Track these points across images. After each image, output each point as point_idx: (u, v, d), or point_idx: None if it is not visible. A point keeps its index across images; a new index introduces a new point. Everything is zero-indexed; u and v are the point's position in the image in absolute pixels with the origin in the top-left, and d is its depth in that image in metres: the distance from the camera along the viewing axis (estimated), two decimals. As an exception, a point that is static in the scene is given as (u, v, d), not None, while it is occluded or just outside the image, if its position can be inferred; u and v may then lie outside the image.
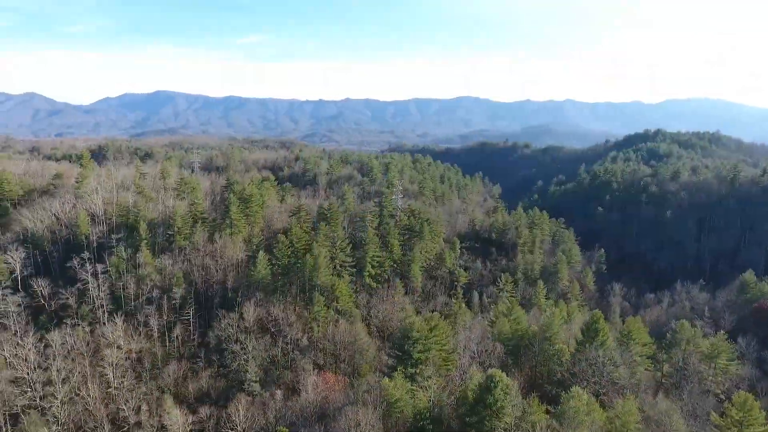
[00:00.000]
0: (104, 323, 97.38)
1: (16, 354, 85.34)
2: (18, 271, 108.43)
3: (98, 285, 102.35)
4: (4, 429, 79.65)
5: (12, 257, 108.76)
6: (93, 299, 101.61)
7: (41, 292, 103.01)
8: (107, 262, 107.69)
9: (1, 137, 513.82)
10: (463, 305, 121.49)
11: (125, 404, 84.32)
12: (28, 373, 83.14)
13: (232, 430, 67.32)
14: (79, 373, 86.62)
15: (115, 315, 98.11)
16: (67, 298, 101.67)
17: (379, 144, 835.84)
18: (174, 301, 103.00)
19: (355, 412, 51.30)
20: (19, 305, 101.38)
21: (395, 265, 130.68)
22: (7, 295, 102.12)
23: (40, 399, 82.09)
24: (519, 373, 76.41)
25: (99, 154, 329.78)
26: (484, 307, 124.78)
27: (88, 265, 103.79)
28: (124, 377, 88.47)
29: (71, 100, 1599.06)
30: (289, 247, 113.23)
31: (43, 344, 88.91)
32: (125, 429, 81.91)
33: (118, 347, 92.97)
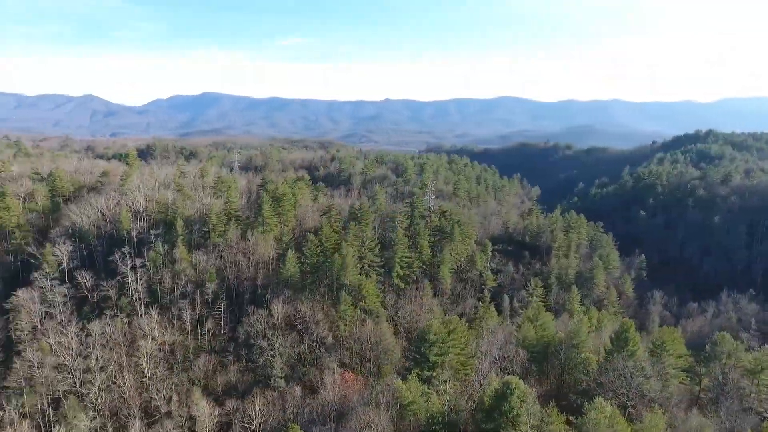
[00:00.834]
0: (141, 315, 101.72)
1: (59, 342, 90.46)
2: (65, 264, 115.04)
3: (136, 278, 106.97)
4: (47, 412, 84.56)
5: (60, 250, 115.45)
6: (131, 292, 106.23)
7: (85, 284, 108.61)
8: (146, 257, 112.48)
9: (61, 137, 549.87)
10: (492, 309, 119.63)
11: (157, 394, 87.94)
12: (69, 361, 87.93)
13: (248, 424, 68.81)
14: (116, 362, 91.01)
15: (151, 308, 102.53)
16: (108, 291, 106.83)
17: (417, 144, 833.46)
18: (206, 296, 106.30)
19: (366, 412, 51.40)
20: (65, 296, 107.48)
21: (424, 267, 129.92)
22: (54, 286, 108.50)
23: (80, 385, 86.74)
24: (543, 381, 74.51)
25: (147, 153, 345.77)
26: (514, 312, 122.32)
27: (128, 259, 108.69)
28: (157, 368, 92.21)
29: (125, 102, 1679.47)
30: (318, 246, 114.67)
31: (84, 333, 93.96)
32: (156, 418, 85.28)
33: (153, 339, 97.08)
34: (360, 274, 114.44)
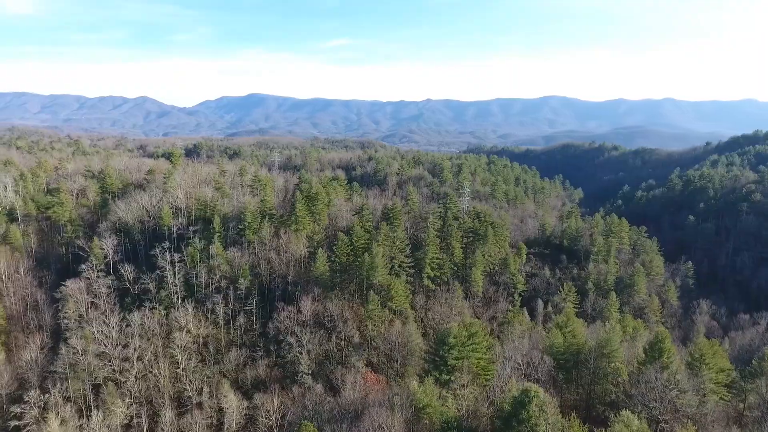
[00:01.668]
0: (177, 308, 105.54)
1: (102, 331, 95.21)
2: (110, 257, 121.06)
3: (174, 273, 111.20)
4: (88, 397, 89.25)
5: (106, 244, 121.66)
6: (169, 285, 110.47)
7: (127, 277, 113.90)
8: (184, 252, 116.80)
9: (117, 136, 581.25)
10: (524, 313, 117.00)
11: (189, 385, 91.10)
12: (110, 349, 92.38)
13: (266, 419, 70.06)
14: (152, 352, 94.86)
15: (187, 301, 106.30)
16: (148, 284, 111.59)
17: (458, 145, 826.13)
18: (239, 292, 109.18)
19: (379, 414, 51.22)
20: (109, 287, 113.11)
21: (456, 268, 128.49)
22: (99, 278, 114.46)
23: (119, 373, 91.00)
24: (572, 390, 72.07)
25: (194, 152, 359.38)
26: (548, 317, 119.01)
27: (167, 254, 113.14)
28: (191, 360, 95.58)
29: (177, 103, 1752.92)
30: (348, 246, 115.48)
31: (125, 324, 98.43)
32: (188, 407, 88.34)
33: (188, 331, 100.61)
34: (390, 274, 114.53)
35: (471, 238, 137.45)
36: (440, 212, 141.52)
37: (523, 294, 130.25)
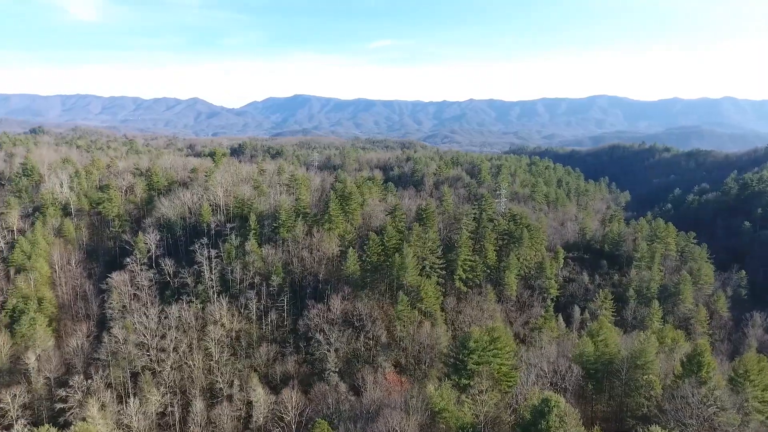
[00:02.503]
0: (213, 302, 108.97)
1: (141, 322, 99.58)
2: (153, 251, 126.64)
3: (211, 268, 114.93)
4: (127, 384, 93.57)
5: (149, 239, 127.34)
6: (206, 280, 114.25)
7: (167, 271, 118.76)
8: (221, 248, 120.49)
9: (169, 136, 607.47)
10: (559, 320, 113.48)
11: (221, 377, 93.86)
12: (148, 340, 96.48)
13: (284, 414, 71.01)
14: (188, 344, 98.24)
15: (221, 296, 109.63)
16: (187, 278, 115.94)
17: (501, 145, 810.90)
18: (272, 288, 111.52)
19: (393, 416, 50.77)
20: (151, 280, 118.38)
21: (489, 271, 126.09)
22: (142, 271, 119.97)
23: (156, 363, 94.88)
24: (602, 401, 69.15)
25: (239, 152, 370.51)
26: (584, 324, 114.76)
27: (205, 249, 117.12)
28: (223, 353, 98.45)
29: (225, 104, 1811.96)
30: (379, 246, 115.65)
31: (163, 316, 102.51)
32: (219, 399, 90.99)
33: (222, 325, 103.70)
34: (420, 275, 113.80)
35: (506, 241, 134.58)
36: (475, 214, 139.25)
37: (557, 299, 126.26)
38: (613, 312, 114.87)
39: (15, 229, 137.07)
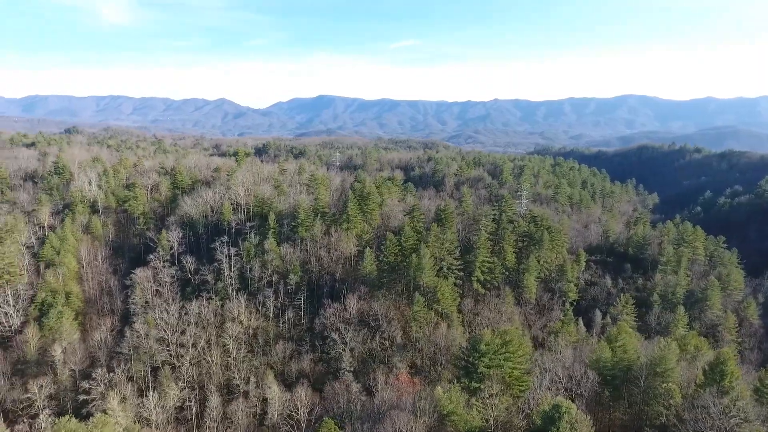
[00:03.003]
0: (231, 300, 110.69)
1: (162, 318, 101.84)
2: (175, 248, 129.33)
3: (230, 266, 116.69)
4: (147, 378, 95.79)
5: (172, 236, 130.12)
6: (225, 278, 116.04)
7: (189, 268, 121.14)
8: (240, 246, 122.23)
9: (196, 136, 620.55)
10: (579, 324, 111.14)
11: (237, 374, 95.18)
12: (169, 335, 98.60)
13: (294, 412, 71.40)
14: (206, 340, 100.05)
15: (240, 293, 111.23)
16: (207, 275, 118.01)
17: (525, 146, 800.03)
18: (289, 287, 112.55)
19: (400, 417, 50.40)
20: (173, 277, 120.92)
21: (507, 273, 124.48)
22: (165, 267, 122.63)
23: (175, 358, 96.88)
24: (619, 408, 67.32)
25: (263, 151, 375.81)
26: (605, 329, 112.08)
27: (225, 247, 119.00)
28: (240, 350, 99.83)
29: (252, 105, 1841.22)
30: (396, 246, 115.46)
31: (183, 312, 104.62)
32: (235, 395, 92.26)
33: (240, 322, 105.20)
34: (437, 275, 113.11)
35: (526, 243, 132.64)
36: (494, 215, 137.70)
37: (578, 303, 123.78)
38: (635, 317, 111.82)
39: (46, 225, 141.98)
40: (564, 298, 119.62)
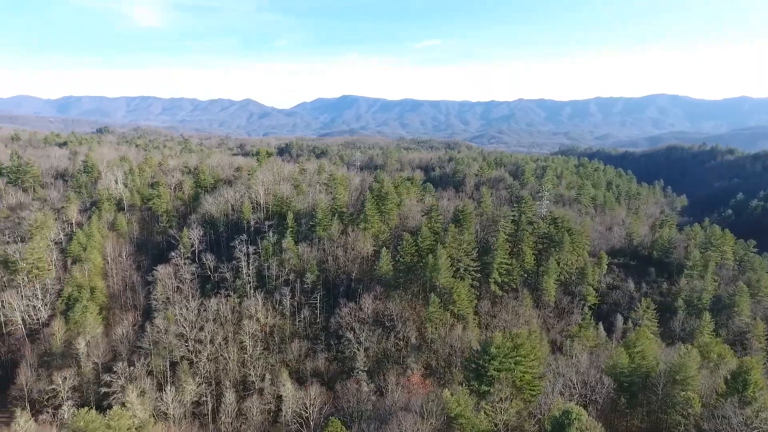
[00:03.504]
0: (249, 297, 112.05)
1: (182, 314, 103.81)
2: (196, 246, 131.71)
3: (249, 264, 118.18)
4: (166, 373, 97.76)
5: (193, 234, 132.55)
6: (244, 276, 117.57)
7: (208, 265, 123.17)
8: (259, 245, 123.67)
9: (222, 135, 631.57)
10: (599, 328, 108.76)
11: (253, 370, 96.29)
12: (187, 331, 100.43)
13: (303, 411, 71.67)
14: (223, 337, 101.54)
15: (257, 291, 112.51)
16: (226, 273, 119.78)
17: (550, 146, 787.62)
18: (306, 285, 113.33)
19: (407, 419, 50.03)
20: (193, 274, 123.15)
21: (526, 275, 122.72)
22: (186, 264, 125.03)
23: (193, 354, 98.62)
24: (636, 416, 65.51)
25: (286, 151, 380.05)
26: (627, 334, 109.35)
27: (244, 246, 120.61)
28: (257, 347, 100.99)
29: (276, 105, 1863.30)
30: (413, 246, 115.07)
31: (202, 308, 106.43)
32: (250, 392, 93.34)
33: (257, 320, 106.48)
34: (454, 277, 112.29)
35: (546, 245, 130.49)
36: (514, 216, 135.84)
37: (599, 307, 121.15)
38: (658, 323, 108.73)
39: (74, 222, 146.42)
40: (583, 302, 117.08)
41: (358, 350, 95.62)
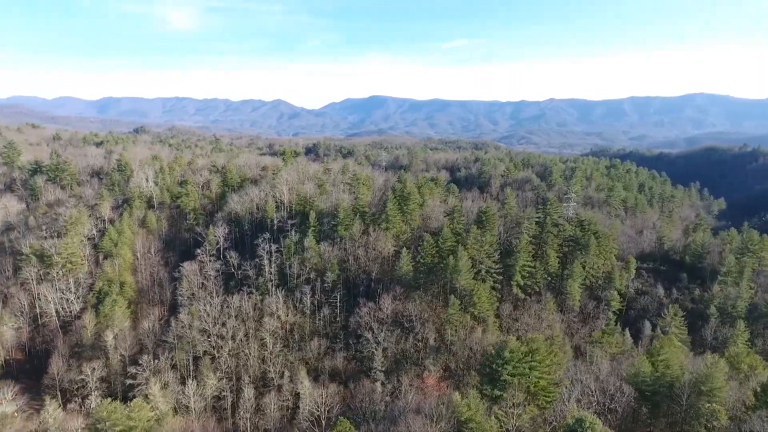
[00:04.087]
0: (270, 295, 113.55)
1: (205, 309, 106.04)
2: (221, 243, 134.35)
3: (271, 262, 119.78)
4: (189, 367, 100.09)
5: (218, 232, 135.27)
6: (266, 273, 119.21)
7: (232, 263, 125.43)
8: (281, 243, 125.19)
9: (252, 135, 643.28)
10: (626, 334, 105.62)
11: (272, 367, 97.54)
12: (210, 327, 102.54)
13: (315, 409, 71.93)
14: (245, 333, 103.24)
15: (278, 289, 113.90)
16: (249, 270, 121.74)
17: (582, 147, 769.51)
18: (326, 284, 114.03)
19: (415, 421, 49.54)
20: (217, 271, 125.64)
21: (550, 278, 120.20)
22: (211, 262, 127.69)
23: (216, 349, 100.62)
24: (658, 426, 63.17)
25: (313, 151, 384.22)
26: (654, 341, 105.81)
27: (267, 244, 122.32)
28: (276, 344, 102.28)
29: (306, 105, 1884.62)
30: (434, 247, 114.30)
31: (225, 305, 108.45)
32: (269, 388, 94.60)
33: (278, 317, 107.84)
34: (475, 279, 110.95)
35: (571, 248, 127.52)
36: (538, 218, 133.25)
37: (626, 313, 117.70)
38: (688, 331, 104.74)
39: (106, 218, 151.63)
40: (607, 306, 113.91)
41: (376, 350, 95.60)
